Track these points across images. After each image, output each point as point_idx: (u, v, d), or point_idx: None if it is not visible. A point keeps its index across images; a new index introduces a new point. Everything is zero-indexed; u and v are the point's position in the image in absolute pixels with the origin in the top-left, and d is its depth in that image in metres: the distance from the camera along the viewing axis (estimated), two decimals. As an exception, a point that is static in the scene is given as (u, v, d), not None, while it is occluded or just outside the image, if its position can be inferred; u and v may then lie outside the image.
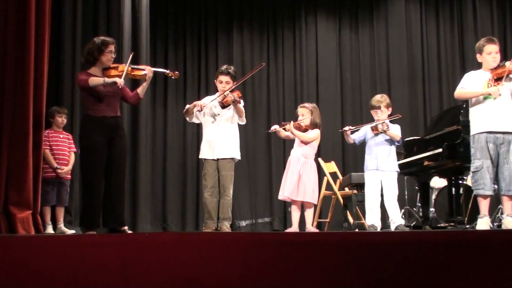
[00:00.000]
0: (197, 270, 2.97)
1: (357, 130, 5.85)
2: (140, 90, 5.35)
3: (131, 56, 5.30)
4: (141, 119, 8.21)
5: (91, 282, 3.05)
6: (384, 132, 5.50)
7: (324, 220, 7.68)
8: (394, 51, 9.78)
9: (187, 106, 5.71)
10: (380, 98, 5.71)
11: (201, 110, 5.55)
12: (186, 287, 2.94)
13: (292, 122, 5.69)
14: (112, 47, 5.12)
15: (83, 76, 4.99)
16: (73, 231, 6.36)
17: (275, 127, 5.82)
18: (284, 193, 5.54)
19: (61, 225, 6.31)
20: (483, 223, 4.90)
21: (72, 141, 6.51)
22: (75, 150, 6.49)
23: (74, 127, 6.80)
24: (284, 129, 5.74)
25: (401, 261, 2.98)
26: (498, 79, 4.96)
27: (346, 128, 5.79)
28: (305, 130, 5.70)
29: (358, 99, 9.74)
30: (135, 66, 5.31)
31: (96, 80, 4.93)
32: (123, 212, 5.23)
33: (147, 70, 5.26)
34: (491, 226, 5.18)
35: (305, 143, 5.66)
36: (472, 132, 5.06)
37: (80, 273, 3.07)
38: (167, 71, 5.62)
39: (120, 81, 4.93)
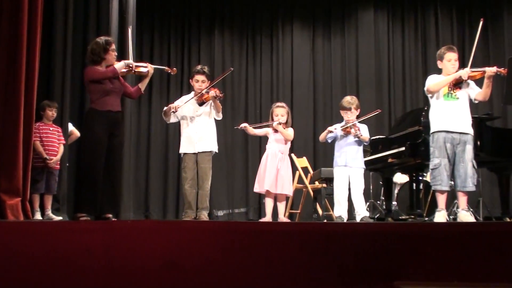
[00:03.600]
0: (176, 255, 2.96)
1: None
2: (142, 85, 5.38)
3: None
4: (125, 113, 8.11)
5: (77, 265, 3.03)
6: (358, 137, 5.52)
7: (295, 211, 7.70)
8: (363, 58, 9.85)
9: (164, 108, 5.73)
10: (351, 100, 5.71)
11: (176, 111, 5.57)
12: (165, 271, 2.92)
13: (279, 122, 5.64)
14: (114, 46, 5.14)
15: (100, 69, 4.96)
16: (60, 218, 6.28)
17: (244, 125, 5.79)
18: (264, 186, 5.53)
19: (49, 212, 6.24)
20: (440, 216, 4.95)
21: (61, 134, 6.45)
22: (64, 142, 6.43)
23: (64, 120, 6.72)
24: (268, 126, 5.71)
25: (365, 250, 2.99)
26: (456, 84, 5.02)
27: (332, 128, 5.72)
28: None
29: (329, 100, 9.78)
30: (138, 64, 5.35)
31: (120, 65, 5.06)
32: (119, 200, 5.22)
33: (149, 67, 5.32)
34: (448, 219, 5.23)
35: (288, 140, 5.67)
36: (431, 130, 5.09)
37: (66, 257, 3.04)
38: (166, 68, 5.76)
39: (133, 64, 5.20)
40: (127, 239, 3.03)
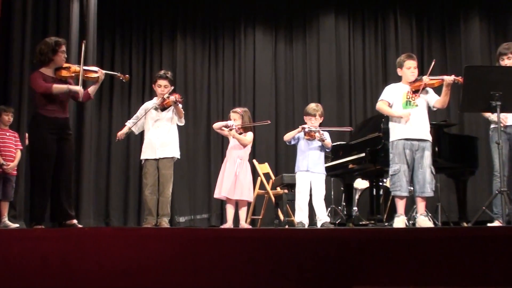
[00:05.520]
0: (135, 263, 2.91)
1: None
2: (91, 90, 5.15)
3: (83, 45, 5.11)
4: (86, 118, 8.01)
5: (33, 274, 2.95)
6: (322, 141, 5.55)
7: (257, 217, 7.70)
8: (324, 64, 9.93)
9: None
10: (316, 107, 5.73)
11: (121, 138, 5.70)
12: (123, 279, 2.87)
13: (234, 127, 5.64)
14: (64, 47, 4.92)
15: (41, 81, 4.74)
16: (17, 225, 6.14)
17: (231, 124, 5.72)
18: (221, 192, 5.52)
19: (6, 219, 6.09)
20: (400, 222, 5.01)
21: (18, 139, 6.31)
22: (21, 147, 6.29)
23: (21, 125, 6.57)
24: (226, 127, 5.69)
25: (326, 255, 3.00)
26: (415, 92, 5.10)
27: (306, 126, 5.65)
28: (240, 133, 5.69)
29: (291, 106, 9.83)
30: (88, 68, 5.10)
31: (60, 88, 4.76)
32: (72, 206, 5.07)
33: (99, 73, 5.08)
34: (407, 224, 5.30)
35: (244, 145, 5.66)
36: (391, 139, 5.16)
37: (22, 265, 2.97)
38: (118, 74, 5.47)
39: (81, 91, 4.86)
40: (84, 246, 2.97)
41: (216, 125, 5.83)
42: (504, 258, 2.90)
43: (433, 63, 5.18)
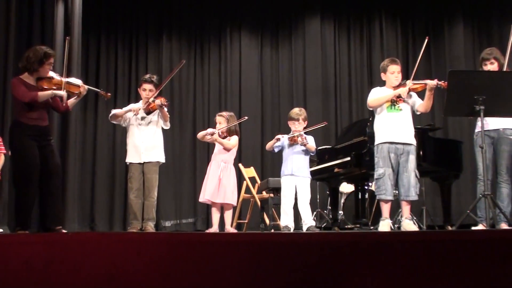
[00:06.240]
0: (119, 268, 2.89)
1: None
2: (71, 103, 5.12)
3: (67, 42, 5.11)
4: (71, 121, 7.94)
5: (17, 279, 2.92)
6: (304, 145, 5.57)
7: (243, 221, 7.69)
8: (310, 67, 9.95)
9: (115, 111, 5.62)
10: (299, 112, 5.75)
11: (137, 114, 5.50)
12: (108, 284, 2.85)
13: (217, 131, 5.67)
14: (52, 60, 4.89)
15: (25, 89, 4.71)
16: (0, 230, 6.08)
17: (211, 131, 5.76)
18: (205, 196, 5.53)
19: (-12, 224, 6.04)
20: (385, 225, 5.03)
21: (1, 143, 6.24)
22: (5, 151, 6.22)
23: (5, 130, 6.50)
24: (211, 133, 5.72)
25: (312, 259, 3.00)
26: (399, 96, 5.12)
27: (280, 136, 5.74)
28: (225, 136, 5.71)
29: (277, 110, 9.84)
30: (71, 81, 5.06)
31: (45, 94, 4.75)
32: (60, 212, 5.03)
33: (81, 88, 5.05)
34: (392, 227, 5.33)
35: (228, 149, 5.66)
36: (375, 142, 5.19)
37: (6, 270, 2.93)
38: (101, 91, 5.45)
39: (65, 95, 4.89)
40: (68, 252, 2.94)
41: (200, 135, 5.85)
42: (488, 261, 2.92)
43: (426, 41, 5.23)
